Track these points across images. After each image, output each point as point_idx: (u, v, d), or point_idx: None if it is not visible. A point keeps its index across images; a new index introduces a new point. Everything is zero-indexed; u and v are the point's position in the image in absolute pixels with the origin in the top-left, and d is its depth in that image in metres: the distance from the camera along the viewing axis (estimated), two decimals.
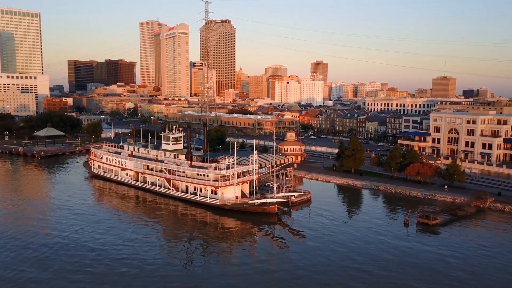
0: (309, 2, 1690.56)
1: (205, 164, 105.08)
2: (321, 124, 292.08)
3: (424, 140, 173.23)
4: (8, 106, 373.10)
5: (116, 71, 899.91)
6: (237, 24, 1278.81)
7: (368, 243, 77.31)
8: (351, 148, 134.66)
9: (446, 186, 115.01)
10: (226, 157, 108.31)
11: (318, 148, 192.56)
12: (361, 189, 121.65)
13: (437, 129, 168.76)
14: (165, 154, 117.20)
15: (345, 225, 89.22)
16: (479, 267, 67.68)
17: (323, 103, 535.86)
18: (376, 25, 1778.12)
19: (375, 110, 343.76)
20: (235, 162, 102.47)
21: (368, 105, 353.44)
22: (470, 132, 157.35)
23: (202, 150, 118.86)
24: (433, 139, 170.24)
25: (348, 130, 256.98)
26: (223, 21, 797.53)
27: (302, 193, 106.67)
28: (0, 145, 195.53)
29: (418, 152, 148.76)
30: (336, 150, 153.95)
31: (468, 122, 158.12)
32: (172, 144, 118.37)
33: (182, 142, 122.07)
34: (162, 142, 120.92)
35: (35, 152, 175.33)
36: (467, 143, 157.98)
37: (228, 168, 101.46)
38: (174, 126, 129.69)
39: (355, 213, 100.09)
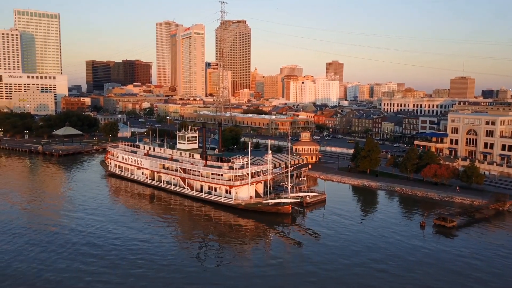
0: (325, 2, 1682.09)
1: (219, 164, 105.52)
2: (336, 125, 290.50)
3: (442, 141, 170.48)
4: (28, 105, 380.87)
5: (132, 71, 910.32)
6: (252, 24, 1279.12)
7: (385, 244, 76.60)
8: (367, 148, 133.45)
9: (457, 187, 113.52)
10: (240, 157, 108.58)
11: (333, 149, 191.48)
12: (377, 190, 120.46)
13: (455, 130, 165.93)
14: (180, 153, 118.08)
15: (361, 225, 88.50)
16: (499, 269, 66.41)
17: (339, 103, 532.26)
18: (393, 24, 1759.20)
19: (392, 110, 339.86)
20: (249, 161, 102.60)
21: (384, 105, 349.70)
22: (489, 133, 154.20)
23: (217, 150, 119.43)
24: (451, 140, 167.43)
25: (363, 131, 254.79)
26: (238, 21, 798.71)
27: (317, 194, 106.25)
28: (20, 143, 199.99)
29: (435, 153, 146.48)
30: (351, 151, 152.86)
31: (487, 123, 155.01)
32: (188, 143, 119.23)
33: (197, 141, 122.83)
34: (178, 141, 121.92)
35: (53, 151, 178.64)
36: (486, 145, 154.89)
37: (242, 167, 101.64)
38: (190, 126, 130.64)
39: (371, 214, 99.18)
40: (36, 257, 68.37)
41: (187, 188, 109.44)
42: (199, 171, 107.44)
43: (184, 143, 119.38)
